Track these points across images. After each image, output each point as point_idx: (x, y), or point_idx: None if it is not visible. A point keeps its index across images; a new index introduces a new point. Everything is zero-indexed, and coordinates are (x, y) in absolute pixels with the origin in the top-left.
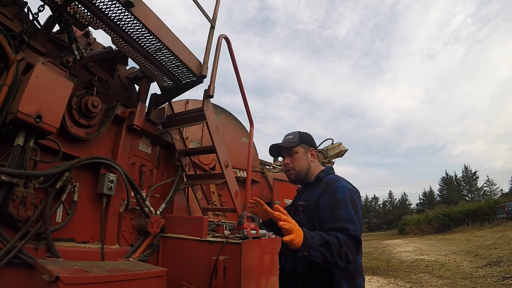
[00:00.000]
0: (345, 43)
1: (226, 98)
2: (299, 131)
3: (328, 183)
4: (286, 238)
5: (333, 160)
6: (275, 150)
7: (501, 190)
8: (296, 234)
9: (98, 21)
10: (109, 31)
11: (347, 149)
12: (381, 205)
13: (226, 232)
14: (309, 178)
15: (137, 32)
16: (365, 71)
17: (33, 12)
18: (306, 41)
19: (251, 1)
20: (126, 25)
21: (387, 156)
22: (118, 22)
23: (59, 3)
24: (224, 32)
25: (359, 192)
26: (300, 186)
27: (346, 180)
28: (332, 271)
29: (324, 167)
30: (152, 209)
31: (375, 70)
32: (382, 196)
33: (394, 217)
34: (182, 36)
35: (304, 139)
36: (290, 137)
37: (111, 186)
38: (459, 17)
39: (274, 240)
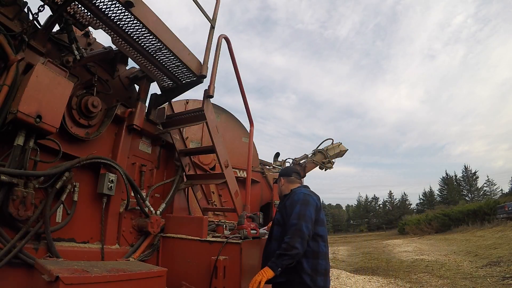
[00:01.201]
0: (346, 43)
1: (226, 98)
2: (281, 170)
3: (293, 192)
4: (261, 282)
5: (333, 160)
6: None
7: (501, 190)
8: (262, 274)
9: (98, 21)
10: (109, 31)
11: (347, 149)
12: (381, 205)
13: (226, 232)
14: (285, 192)
15: (137, 32)
16: (366, 71)
17: (33, 12)
18: (307, 41)
19: (252, 1)
20: (126, 25)
21: (387, 156)
22: (118, 22)
23: (59, 3)
24: (226, 32)
25: (318, 197)
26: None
27: (309, 190)
28: None
29: (300, 184)
30: (152, 209)
31: (375, 70)
32: (382, 196)
33: (394, 217)
34: (183, 36)
35: (280, 173)
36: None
37: (111, 186)
38: (460, 18)
39: None
